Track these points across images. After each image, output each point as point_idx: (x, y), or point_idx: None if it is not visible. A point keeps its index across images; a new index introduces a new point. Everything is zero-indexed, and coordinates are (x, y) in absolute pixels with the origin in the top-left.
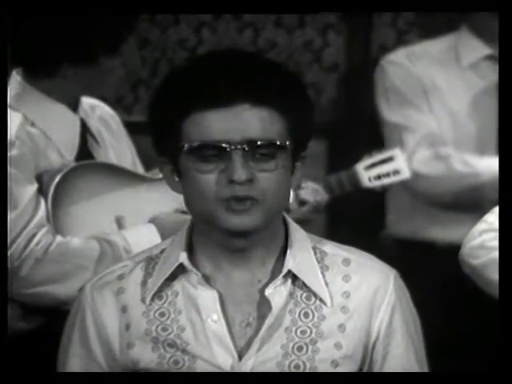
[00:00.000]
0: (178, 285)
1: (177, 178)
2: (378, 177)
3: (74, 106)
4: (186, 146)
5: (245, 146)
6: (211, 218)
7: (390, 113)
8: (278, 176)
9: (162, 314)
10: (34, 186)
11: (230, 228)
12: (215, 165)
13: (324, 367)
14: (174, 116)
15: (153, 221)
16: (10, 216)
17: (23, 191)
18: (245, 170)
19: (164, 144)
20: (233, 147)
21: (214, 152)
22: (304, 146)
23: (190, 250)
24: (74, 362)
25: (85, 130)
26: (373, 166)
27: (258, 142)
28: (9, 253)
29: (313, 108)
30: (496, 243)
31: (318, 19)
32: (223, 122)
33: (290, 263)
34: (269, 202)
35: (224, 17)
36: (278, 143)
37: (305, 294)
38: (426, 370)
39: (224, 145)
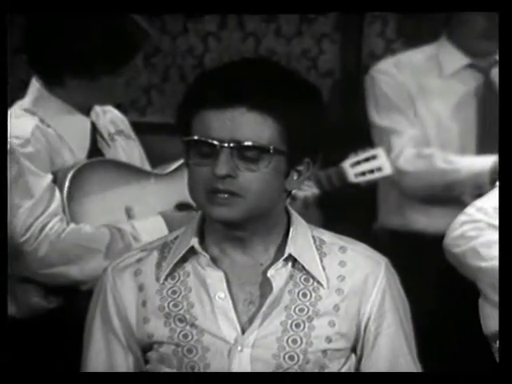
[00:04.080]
0: (189, 266)
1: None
2: (363, 173)
3: (87, 111)
4: (185, 139)
5: (232, 145)
6: (201, 207)
7: (379, 117)
8: (262, 176)
9: (174, 292)
10: (49, 179)
11: (212, 218)
12: (207, 160)
13: (318, 342)
14: (187, 112)
15: (162, 214)
16: (27, 204)
17: (38, 183)
18: (227, 167)
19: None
20: (221, 145)
21: (207, 148)
22: (306, 153)
23: (201, 235)
24: (97, 334)
25: (95, 131)
26: (358, 163)
27: (244, 143)
28: (26, 237)
29: (315, 117)
30: (475, 233)
31: (314, 29)
32: (220, 122)
33: (291, 248)
34: (250, 199)
35: (228, 27)
36: (263, 147)
37: (304, 277)
38: (414, 349)
39: (215, 142)
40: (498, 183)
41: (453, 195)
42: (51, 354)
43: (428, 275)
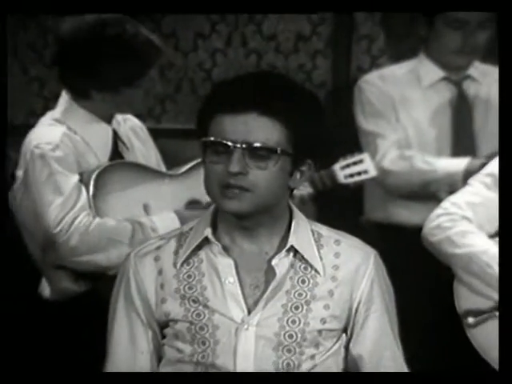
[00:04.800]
0: (202, 254)
1: None
2: (351, 175)
3: (109, 119)
4: (203, 140)
5: (244, 145)
6: (215, 200)
7: (365, 122)
8: (269, 174)
9: (189, 276)
10: (76, 179)
11: (224, 210)
12: (222, 158)
13: (315, 323)
14: (205, 117)
15: (176, 212)
16: (58, 201)
17: (67, 182)
18: (239, 165)
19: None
20: (234, 145)
21: (222, 148)
22: (308, 155)
23: (214, 226)
24: (121, 312)
25: (116, 137)
26: (347, 166)
27: (254, 145)
28: (57, 229)
29: (317, 124)
30: (449, 224)
31: (309, 46)
32: (233, 126)
33: (292, 240)
34: (258, 193)
35: (233, 44)
36: (271, 148)
37: (303, 265)
38: (396, 331)
39: (229, 143)
40: (469, 181)
41: (430, 192)
42: (81, 331)
43: (409, 261)
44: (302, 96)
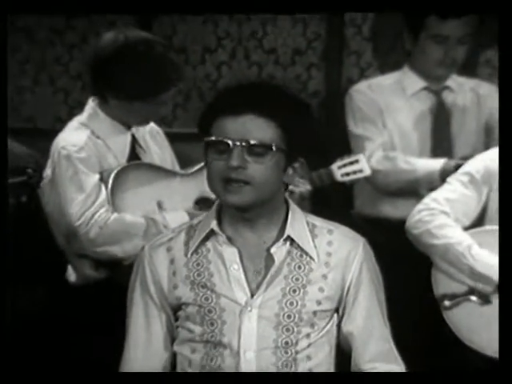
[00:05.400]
0: (209, 244)
1: None
2: (347, 174)
3: (129, 125)
4: (206, 139)
5: (243, 143)
6: (218, 195)
7: (355, 127)
8: (266, 168)
9: (198, 264)
10: (97, 178)
11: (226, 203)
12: (223, 156)
13: (310, 305)
14: (207, 119)
15: (186, 211)
16: (80, 197)
17: (89, 181)
18: (238, 160)
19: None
20: (234, 143)
21: (222, 146)
22: (300, 153)
23: (219, 220)
24: (137, 297)
25: (134, 141)
26: (344, 166)
27: (251, 142)
28: (79, 222)
29: (310, 125)
30: (429, 218)
31: (305, 60)
32: (233, 126)
33: (289, 230)
34: (256, 186)
35: (237, 58)
36: (266, 145)
37: (299, 253)
38: (385, 310)
39: (229, 141)
40: (447, 179)
41: (411, 188)
42: (101, 311)
43: (394, 250)
44: (292, 100)
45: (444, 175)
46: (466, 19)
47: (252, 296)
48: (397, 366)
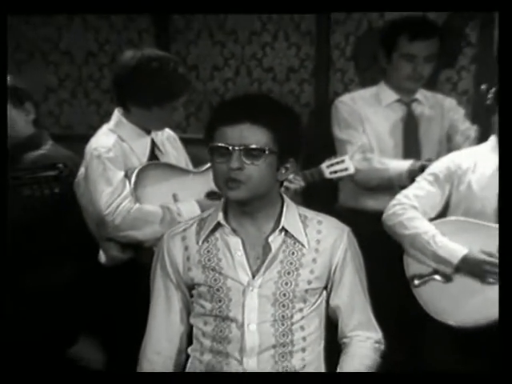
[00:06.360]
0: (217, 234)
1: None
2: (335, 172)
3: (149, 131)
4: (210, 145)
5: (240, 148)
6: (221, 190)
7: (339, 132)
8: (260, 169)
9: (208, 251)
10: (122, 175)
11: (228, 198)
12: (224, 158)
13: (303, 284)
14: (210, 129)
15: (196, 201)
16: (108, 190)
17: (115, 177)
18: (237, 162)
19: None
20: (233, 148)
21: (224, 151)
22: (290, 154)
23: (225, 213)
24: (158, 278)
25: (154, 144)
26: (331, 165)
27: (249, 146)
28: (107, 211)
29: (298, 131)
30: (401, 211)
31: (298, 76)
32: (232, 133)
33: (284, 222)
34: (252, 184)
35: (241, 74)
36: (261, 149)
37: (292, 241)
38: (365, 288)
39: (229, 147)
40: (416, 179)
41: (386, 185)
42: (127, 287)
43: (372, 238)
44: (282, 110)
45: (411, 174)
46: (430, 41)
47: (253, 277)
48: (375, 333)
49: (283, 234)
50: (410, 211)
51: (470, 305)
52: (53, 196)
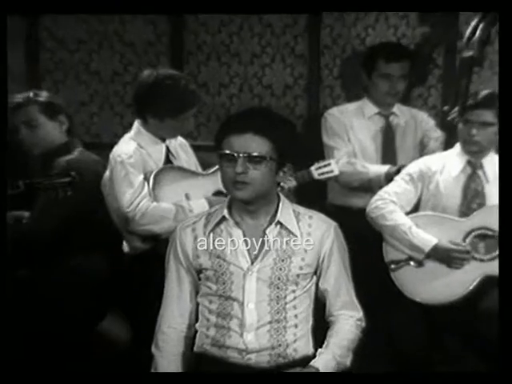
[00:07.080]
0: (222, 226)
1: None
2: (322, 174)
3: (164, 139)
4: (219, 152)
5: (245, 155)
6: (228, 191)
7: (328, 140)
8: (262, 173)
9: (214, 241)
10: (142, 177)
11: (234, 198)
12: (231, 164)
13: (295, 270)
14: (219, 138)
15: (206, 198)
16: (130, 191)
17: (136, 179)
18: (242, 167)
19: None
20: (238, 155)
21: (231, 157)
22: (288, 159)
23: (229, 209)
24: (171, 262)
25: (168, 150)
26: (319, 168)
27: (252, 154)
28: (129, 209)
29: (295, 140)
30: (383, 205)
31: (292, 93)
32: (238, 142)
33: (279, 217)
34: (255, 186)
35: (244, 91)
36: (262, 156)
37: (287, 233)
38: (349, 274)
39: (235, 154)
40: (395, 178)
41: (367, 186)
42: (147, 272)
43: (358, 231)
44: (281, 122)
45: (388, 177)
46: (404, 63)
47: (252, 264)
48: (357, 312)
49: (279, 226)
50: (390, 205)
51: (437, 286)
52: (66, 197)
